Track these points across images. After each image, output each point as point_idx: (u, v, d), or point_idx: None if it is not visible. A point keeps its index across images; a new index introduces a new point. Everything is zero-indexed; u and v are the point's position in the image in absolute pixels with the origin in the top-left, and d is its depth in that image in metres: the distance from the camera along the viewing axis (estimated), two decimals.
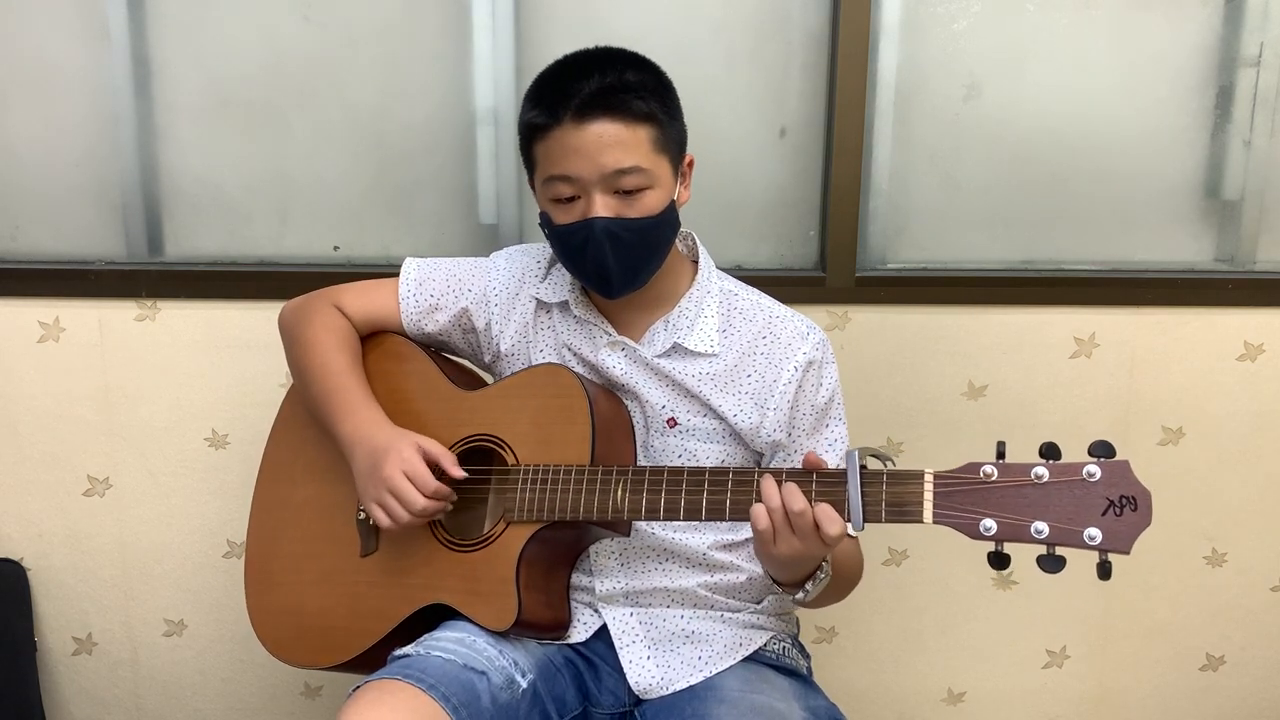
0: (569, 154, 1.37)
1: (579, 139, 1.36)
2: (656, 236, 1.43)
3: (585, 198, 1.39)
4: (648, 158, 1.39)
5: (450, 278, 1.59)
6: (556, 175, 1.40)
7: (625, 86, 1.37)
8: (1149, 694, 2.16)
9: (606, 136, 1.36)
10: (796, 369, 1.48)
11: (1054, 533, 1.17)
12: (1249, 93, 1.97)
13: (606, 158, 1.37)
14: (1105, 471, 1.16)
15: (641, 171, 1.38)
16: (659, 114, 1.40)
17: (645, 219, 1.40)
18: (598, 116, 1.36)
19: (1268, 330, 2.00)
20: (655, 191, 1.41)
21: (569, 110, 1.36)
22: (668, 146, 1.42)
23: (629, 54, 1.43)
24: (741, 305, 1.53)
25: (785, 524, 1.25)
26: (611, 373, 1.49)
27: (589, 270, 1.43)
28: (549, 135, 1.39)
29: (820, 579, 1.36)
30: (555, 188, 1.41)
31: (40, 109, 2.01)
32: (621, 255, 1.40)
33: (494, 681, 1.35)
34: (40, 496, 2.10)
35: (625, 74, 1.39)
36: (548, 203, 1.43)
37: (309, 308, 1.59)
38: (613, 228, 1.39)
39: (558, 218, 1.42)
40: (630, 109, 1.37)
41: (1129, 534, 1.15)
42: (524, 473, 1.42)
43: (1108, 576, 1.17)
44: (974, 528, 1.19)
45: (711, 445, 1.49)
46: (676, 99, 1.45)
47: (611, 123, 1.36)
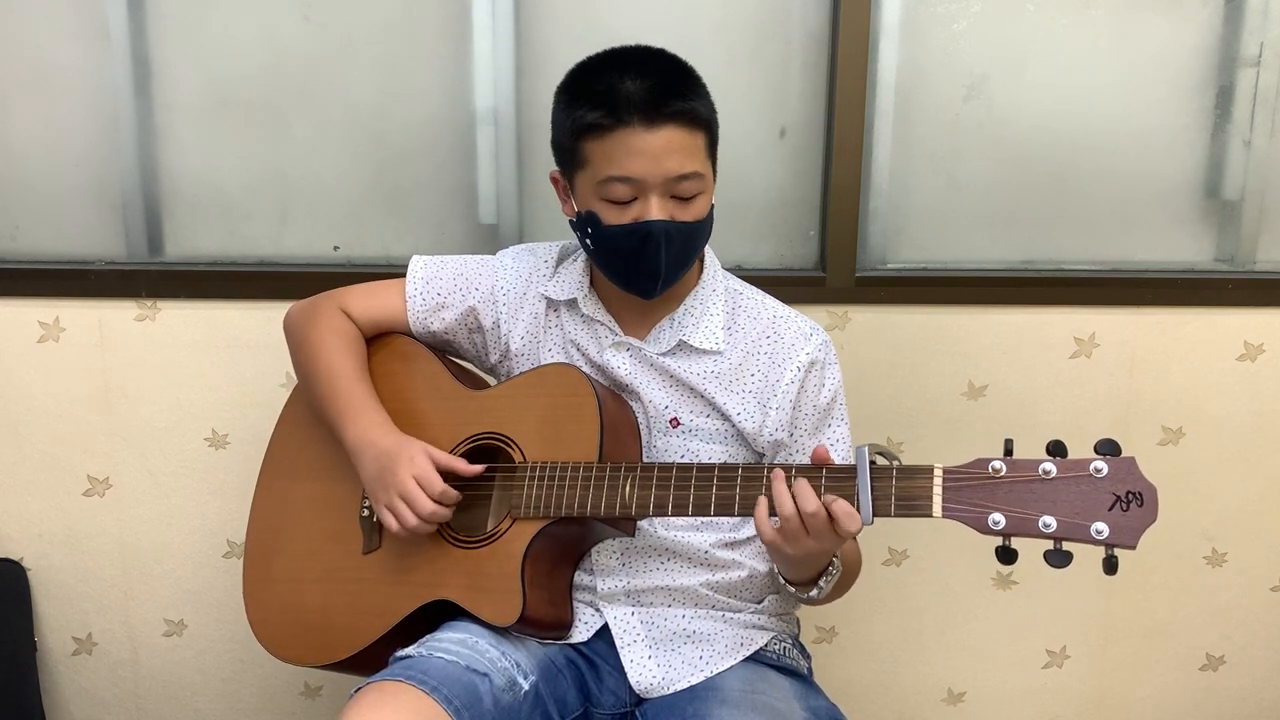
0: (635, 155, 1.36)
1: (647, 142, 1.36)
2: (702, 238, 1.46)
3: (642, 200, 1.39)
4: (704, 163, 1.41)
5: (458, 276, 1.59)
6: (617, 176, 1.38)
7: (685, 90, 1.38)
8: (1149, 694, 2.16)
9: (675, 141, 1.36)
10: (799, 369, 1.48)
11: (1061, 527, 1.18)
12: (1249, 93, 1.97)
13: (672, 162, 1.37)
14: (1112, 467, 1.18)
15: (700, 177, 1.40)
16: (713, 121, 1.42)
17: (696, 222, 1.42)
18: (667, 121, 1.36)
19: (1268, 330, 2.01)
20: (705, 196, 1.43)
21: (636, 112, 1.35)
22: (713, 151, 1.44)
23: (673, 55, 1.44)
24: (746, 304, 1.53)
25: (799, 527, 1.26)
26: (616, 373, 1.49)
27: (640, 270, 1.42)
28: (611, 136, 1.37)
29: (832, 575, 1.38)
30: (613, 188, 1.39)
31: (40, 109, 2.01)
32: (673, 257, 1.41)
33: (496, 683, 1.35)
34: (40, 496, 2.10)
35: (681, 77, 1.40)
36: (598, 202, 1.41)
37: (314, 311, 1.59)
38: (671, 230, 1.39)
39: (609, 218, 1.41)
40: (695, 114, 1.38)
41: (1136, 529, 1.17)
42: (531, 469, 1.42)
43: (1114, 571, 1.18)
44: (982, 522, 1.20)
45: (714, 446, 1.49)
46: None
47: (679, 129, 1.37)
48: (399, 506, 1.41)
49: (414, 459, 1.42)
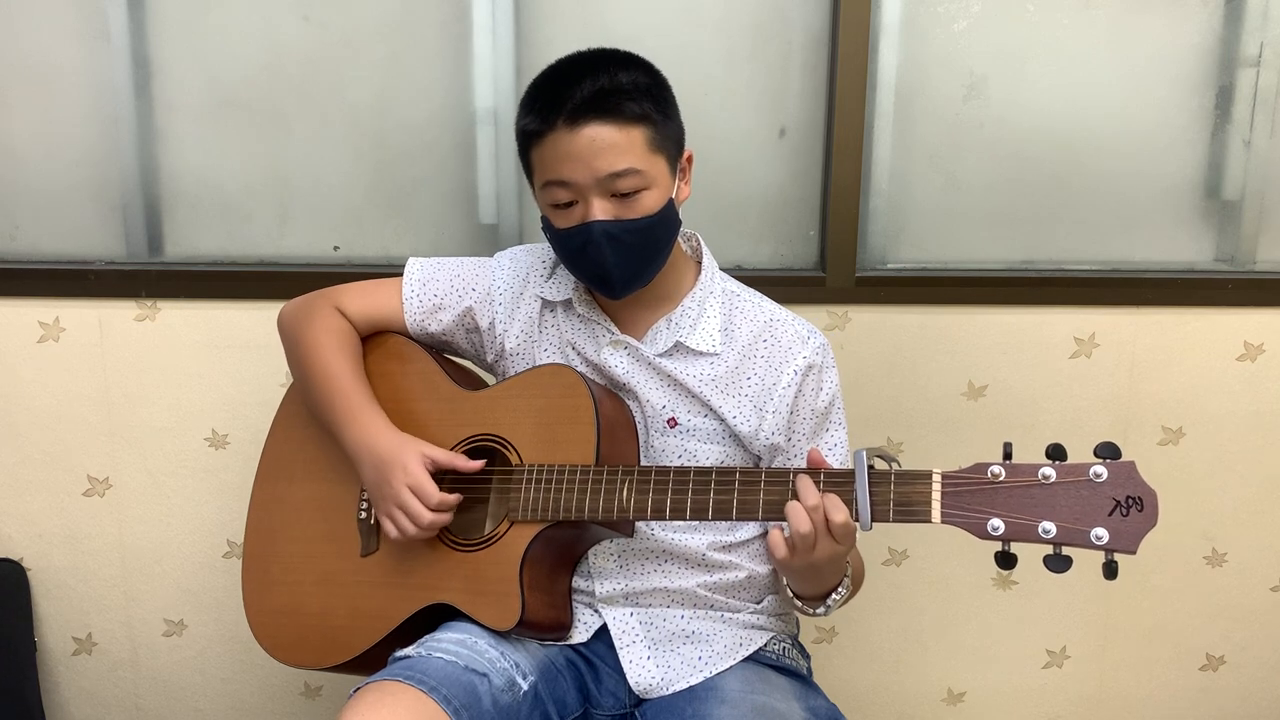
0: (563, 159, 1.37)
1: (572, 144, 1.36)
2: (656, 236, 1.43)
3: (583, 202, 1.39)
4: (642, 159, 1.39)
5: (454, 277, 1.59)
6: (553, 180, 1.40)
7: (617, 89, 1.37)
8: (1149, 694, 2.16)
9: (599, 140, 1.36)
10: (796, 373, 1.48)
11: (1061, 532, 1.18)
12: (1249, 93, 1.97)
13: (600, 161, 1.36)
14: (1112, 472, 1.17)
15: (637, 173, 1.38)
16: (652, 114, 1.39)
17: (643, 219, 1.40)
18: (590, 120, 1.36)
19: (1268, 330, 2.00)
20: (652, 191, 1.40)
21: (561, 115, 1.36)
22: (663, 145, 1.42)
23: (621, 54, 1.42)
24: (743, 307, 1.53)
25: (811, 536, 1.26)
26: (613, 372, 1.49)
27: (590, 272, 1.43)
28: (543, 141, 1.39)
29: (842, 593, 1.39)
30: (552, 193, 1.41)
31: (40, 109, 2.01)
32: (621, 256, 1.40)
33: (495, 683, 1.35)
34: (40, 496, 2.10)
35: (617, 76, 1.38)
36: (547, 208, 1.44)
37: (309, 309, 1.59)
38: (611, 230, 1.39)
39: (557, 222, 1.42)
40: (622, 111, 1.37)
41: (1135, 534, 1.16)
42: (529, 472, 1.42)
43: (1114, 576, 1.17)
44: (982, 527, 1.20)
45: (712, 446, 1.49)
46: (671, 97, 1.45)
47: (604, 126, 1.36)
48: (397, 516, 1.42)
49: (407, 467, 1.42)
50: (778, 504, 1.29)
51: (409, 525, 1.41)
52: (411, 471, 1.41)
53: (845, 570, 1.40)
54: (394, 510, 1.42)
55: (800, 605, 1.44)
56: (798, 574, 1.35)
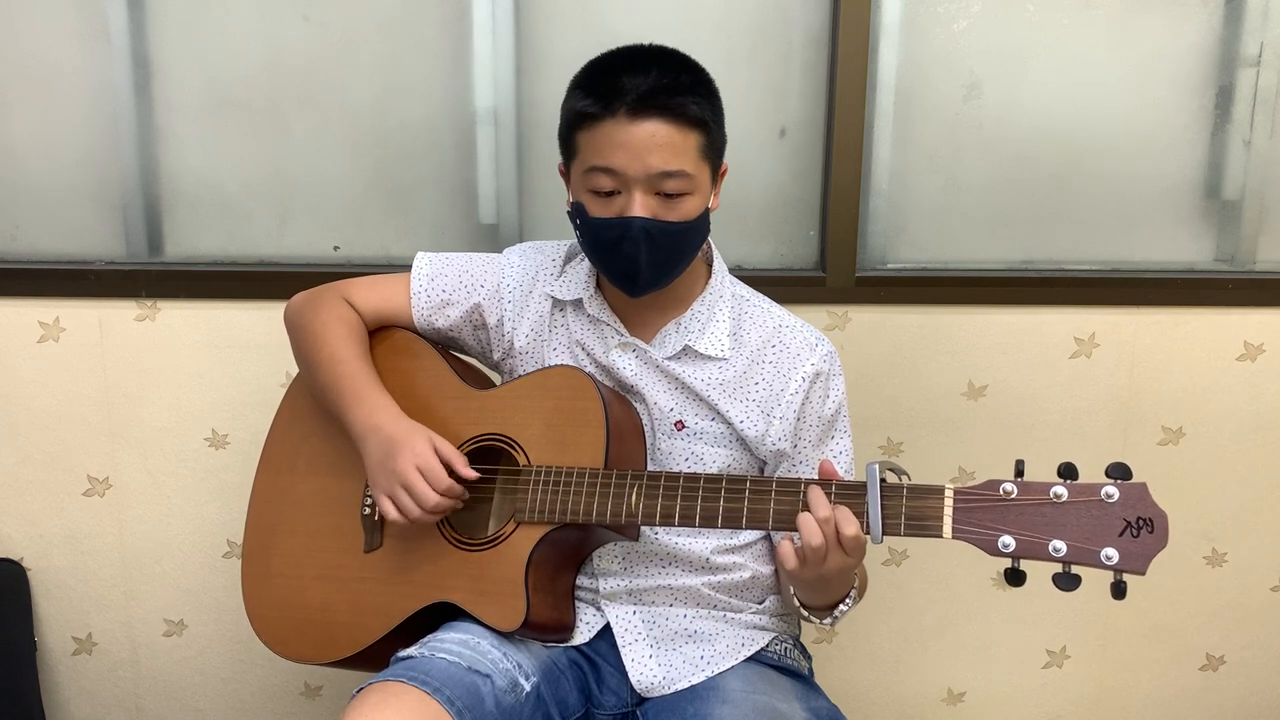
0: (617, 148, 1.36)
1: (629, 135, 1.35)
2: (689, 241, 1.43)
3: (625, 194, 1.38)
4: (693, 163, 1.38)
5: (463, 273, 1.58)
6: (600, 167, 1.38)
7: (682, 88, 1.36)
8: (1149, 694, 2.16)
9: (659, 137, 1.35)
10: (804, 380, 1.48)
11: (1072, 552, 1.18)
12: (1249, 93, 1.97)
13: (654, 158, 1.36)
14: (1123, 493, 1.18)
15: (686, 176, 1.38)
16: (709, 120, 1.39)
17: (682, 223, 1.40)
18: (652, 115, 1.35)
19: (1268, 330, 2.01)
20: (694, 198, 1.40)
21: (624, 104, 1.35)
22: (710, 154, 1.41)
23: (684, 56, 1.42)
24: (752, 312, 1.53)
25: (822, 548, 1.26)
26: (621, 374, 1.49)
27: (618, 267, 1.42)
28: (598, 126, 1.37)
29: (849, 604, 1.40)
30: (596, 179, 1.39)
31: (40, 109, 2.01)
32: (654, 256, 1.40)
33: (498, 684, 1.35)
34: (40, 496, 2.10)
35: (681, 75, 1.38)
36: (584, 193, 1.41)
37: (318, 299, 1.58)
38: (650, 229, 1.38)
39: (594, 210, 1.41)
40: (685, 112, 1.36)
41: (1145, 555, 1.17)
42: (536, 473, 1.41)
43: (1122, 596, 1.18)
44: (993, 544, 1.21)
45: (719, 449, 1.49)
46: (722, 107, 1.44)
47: (664, 124, 1.35)
48: (400, 495, 1.40)
49: (417, 448, 1.40)
50: (788, 514, 1.29)
51: (412, 506, 1.39)
52: (420, 453, 1.40)
53: (853, 581, 1.40)
54: (397, 489, 1.40)
55: (807, 615, 1.43)
56: (807, 585, 1.35)
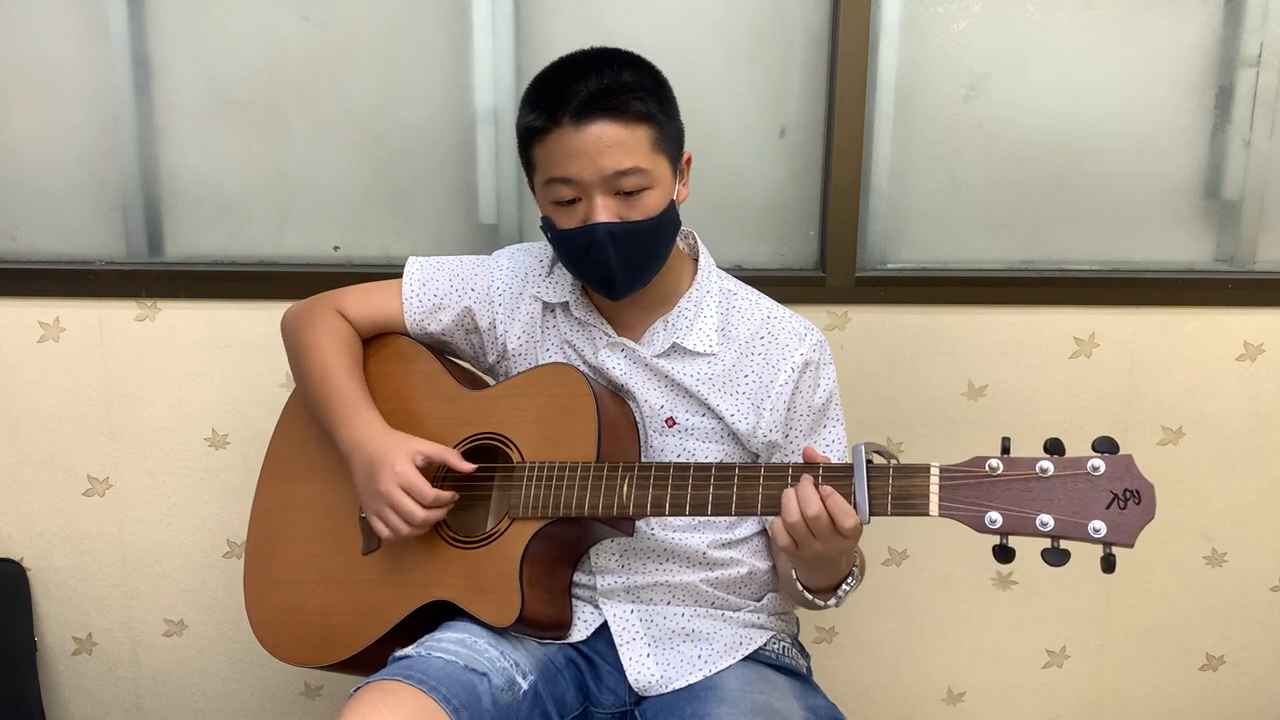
0: (569, 156, 1.37)
1: (578, 141, 1.36)
2: (659, 236, 1.43)
3: (586, 200, 1.39)
4: (647, 158, 1.39)
5: (454, 277, 1.59)
6: (556, 178, 1.39)
7: (623, 87, 1.37)
8: (1149, 694, 2.16)
9: (606, 138, 1.36)
10: (793, 370, 1.48)
11: (1059, 525, 1.18)
12: (1249, 93, 1.97)
13: (606, 159, 1.36)
14: (1109, 465, 1.18)
15: (642, 172, 1.38)
16: (657, 113, 1.40)
17: (647, 220, 1.40)
18: (596, 118, 1.36)
19: (1268, 330, 2.01)
20: (655, 191, 1.41)
21: (567, 112, 1.36)
22: (666, 145, 1.42)
23: (625, 54, 1.43)
24: (740, 305, 1.53)
25: (806, 532, 1.26)
26: (611, 374, 1.49)
27: (592, 273, 1.43)
28: (548, 138, 1.39)
29: (851, 584, 1.39)
30: (555, 190, 1.40)
31: (40, 109, 2.01)
32: (625, 258, 1.41)
33: (495, 683, 1.35)
34: (40, 496, 2.10)
35: (622, 74, 1.38)
36: (549, 206, 1.43)
37: (310, 312, 1.59)
38: (615, 231, 1.39)
39: (560, 221, 1.42)
40: (629, 109, 1.37)
41: (1133, 527, 1.17)
42: (529, 469, 1.42)
43: (1112, 569, 1.17)
44: (979, 520, 1.20)
45: (710, 445, 1.49)
46: (673, 97, 1.45)
47: (610, 124, 1.36)
48: (388, 515, 1.41)
49: (398, 466, 1.41)
50: (777, 499, 1.29)
51: (400, 524, 1.41)
52: (400, 470, 1.41)
53: (854, 560, 1.40)
54: (384, 509, 1.41)
55: (811, 599, 1.43)
56: (804, 564, 1.35)
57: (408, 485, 1.40)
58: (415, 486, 1.40)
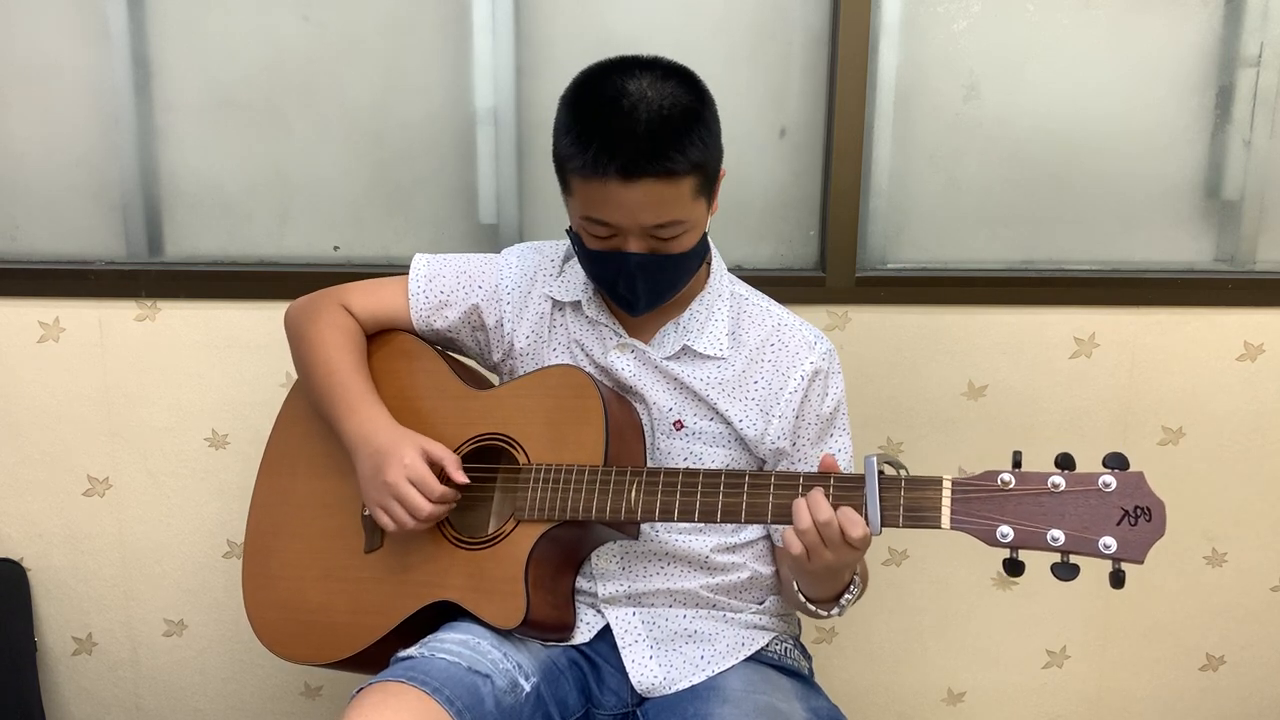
0: (611, 206, 1.34)
1: (624, 196, 1.33)
2: (687, 266, 1.43)
3: (621, 237, 1.37)
4: (688, 208, 1.36)
5: (461, 274, 1.58)
6: (595, 219, 1.37)
7: (675, 137, 1.31)
8: (1149, 694, 2.16)
9: (653, 195, 1.33)
10: (803, 378, 1.48)
11: (1069, 541, 1.19)
12: (1249, 93, 1.97)
13: (647, 215, 1.34)
14: (1121, 482, 1.18)
15: (680, 224, 1.37)
16: (703, 159, 1.35)
17: (678, 255, 1.40)
18: (644, 178, 1.31)
19: (1268, 330, 2.01)
20: (691, 233, 1.39)
21: (615, 165, 1.30)
22: (706, 185, 1.38)
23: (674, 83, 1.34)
24: (751, 311, 1.53)
25: (817, 540, 1.26)
26: (620, 374, 1.49)
27: (617, 295, 1.43)
28: (589, 182, 1.34)
29: (853, 594, 1.39)
30: (592, 226, 1.38)
31: (40, 109, 2.01)
32: (651, 285, 1.41)
33: (498, 684, 1.35)
34: (40, 496, 2.10)
35: (673, 121, 1.32)
36: (579, 224, 1.41)
37: (315, 306, 1.59)
38: (646, 263, 1.38)
39: (590, 243, 1.41)
40: (677, 167, 1.32)
41: (1143, 544, 1.18)
42: (535, 472, 1.41)
43: (1121, 585, 1.19)
44: (991, 534, 1.21)
45: (718, 449, 1.49)
46: (716, 116, 1.39)
47: (658, 183, 1.32)
48: (394, 508, 1.41)
49: (406, 459, 1.40)
50: (787, 508, 1.29)
51: (406, 517, 1.40)
52: (410, 463, 1.40)
53: (856, 570, 1.40)
54: (390, 502, 1.41)
55: (813, 609, 1.43)
56: (811, 576, 1.35)
57: (416, 478, 1.40)
58: (424, 480, 1.40)
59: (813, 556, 1.27)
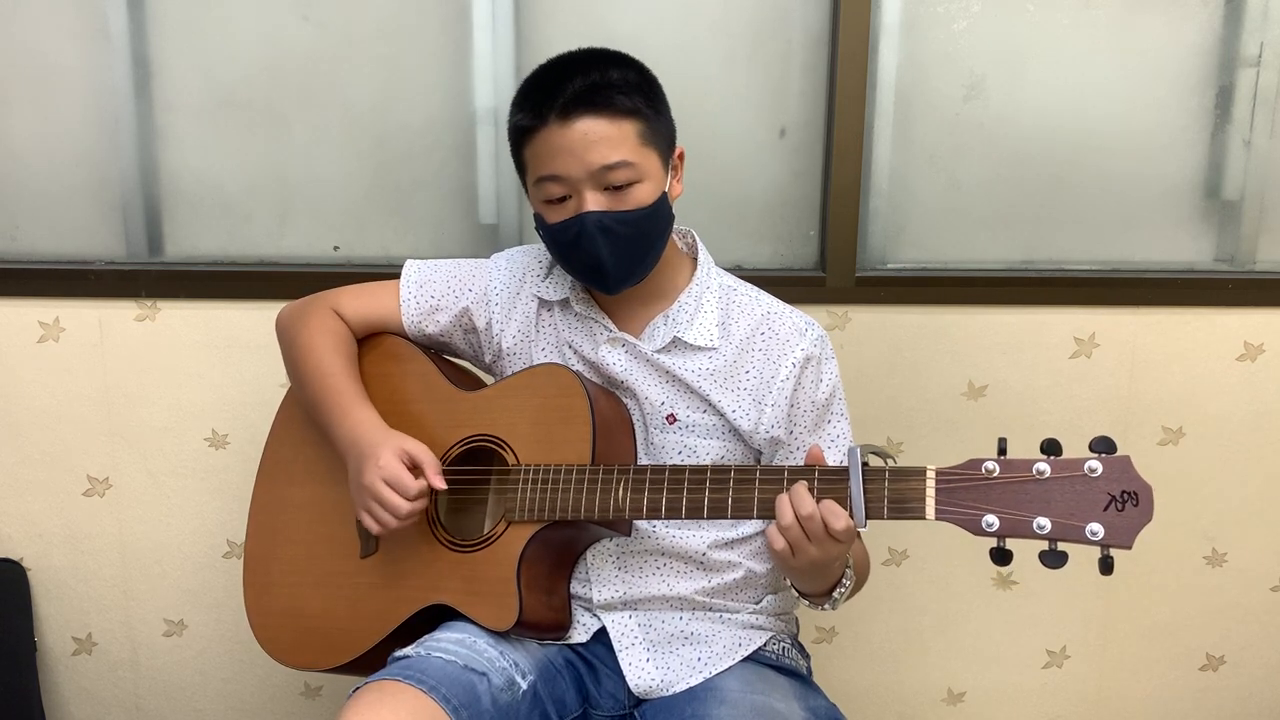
0: (557, 153, 1.39)
1: (565, 137, 1.38)
2: (649, 228, 1.43)
3: (576, 196, 1.40)
4: (635, 151, 1.40)
5: (451, 278, 1.59)
6: (546, 175, 1.41)
7: (608, 84, 1.39)
8: (1149, 694, 2.16)
9: (592, 133, 1.37)
10: (794, 365, 1.48)
11: (1056, 528, 1.17)
12: (1249, 93, 1.97)
13: (593, 154, 1.38)
14: (1107, 467, 1.17)
15: (629, 165, 1.39)
16: (643, 108, 1.41)
17: (636, 210, 1.41)
18: (582, 114, 1.38)
19: (1268, 330, 2.00)
20: (645, 185, 1.41)
21: (554, 110, 1.38)
22: (655, 140, 1.43)
23: (612, 53, 1.44)
24: (740, 300, 1.53)
25: (801, 535, 1.26)
26: (611, 369, 1.49)
27: (584, 264, 1.43)
28: (535, 137, 1.40)
29: (845, 587, 1.38)
30: (546, 188, 1.42)
31: (40, 109, 2.01)
32: (615, 248, 1.41)
33: (494, 683, 1.35)
34: (40, 496, 2.10)
35: (608, 72, 1.40)
36: (540, 204, 1.44)
37: (305, 311, 1.59)
38: (604, 220, 1.39)
39: (550, 217, 1.43)
40: (614, 104, 1.38)
41: (1131, 529, 1.16)
42: (525, 473, 1.42)
43: (1109, 571, 1.17)
44: (976, 523, 1.20)
45: (711, 441, 1.49)
46: (662, 93, 1.46)
47: (596, 119, 1.38)
48: (375, 509, 1.41)
49: (381, 460, 1.41)
50: (773, 502, 1.29)
51: (386, 517, 1.41)
52: (384, 464, 1.41)
53: (847, 563, 1.39)
54: (370, 503, 1.42)
55: (808, 604, 1.43)
56: (798, 572, 1.35)
57: (391, 479, 1.40)
58: (398, 479, 1.40)
59: (797, 552, 1.27)
